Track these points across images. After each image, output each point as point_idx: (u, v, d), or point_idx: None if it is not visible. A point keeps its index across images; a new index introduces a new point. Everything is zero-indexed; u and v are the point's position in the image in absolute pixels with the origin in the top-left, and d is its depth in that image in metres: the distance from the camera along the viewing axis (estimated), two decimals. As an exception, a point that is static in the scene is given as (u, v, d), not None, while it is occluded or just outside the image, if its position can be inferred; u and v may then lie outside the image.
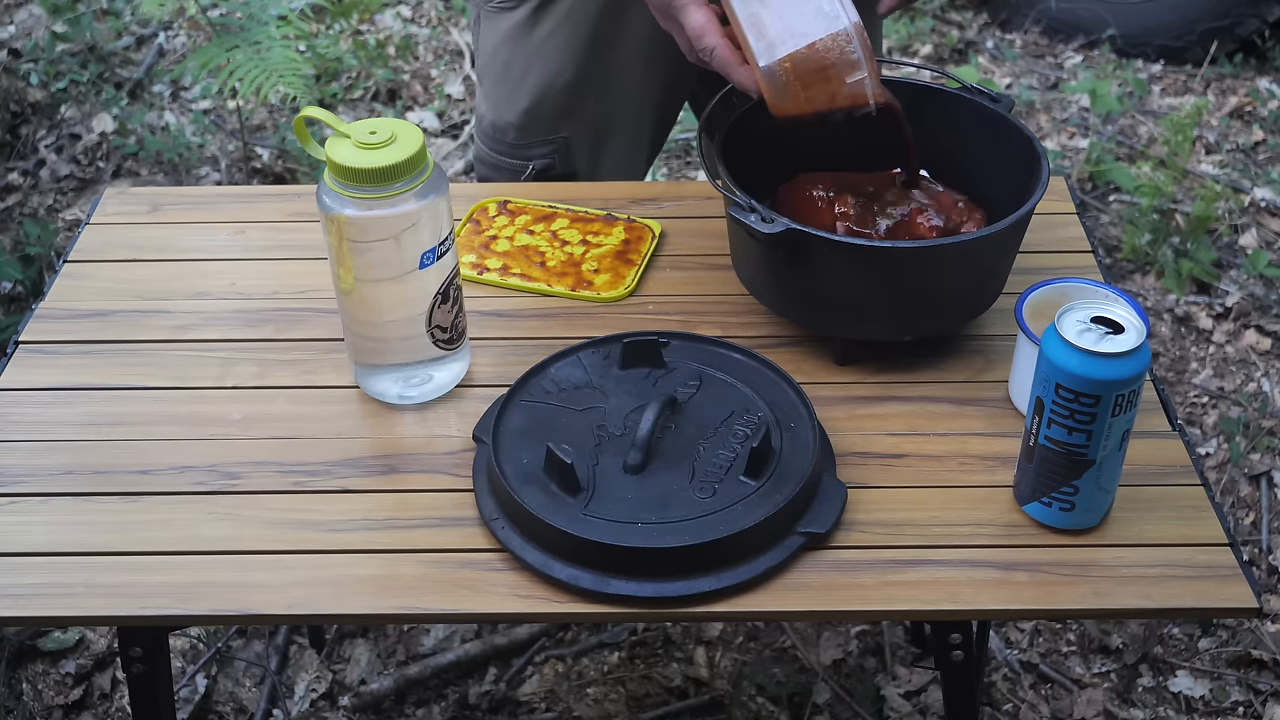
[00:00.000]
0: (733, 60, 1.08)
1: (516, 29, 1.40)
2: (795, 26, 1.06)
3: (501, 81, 1.44)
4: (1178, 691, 1.72)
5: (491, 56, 1.44)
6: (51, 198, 2.68)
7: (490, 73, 1.45)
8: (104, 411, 1.13)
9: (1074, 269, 1.25)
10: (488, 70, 1.46)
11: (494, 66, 1.44)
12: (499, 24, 1.41)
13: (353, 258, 1.05)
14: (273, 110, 2.94)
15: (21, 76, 2.97)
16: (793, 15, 1.06)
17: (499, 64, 1.43)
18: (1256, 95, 2.95)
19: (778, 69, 1.06)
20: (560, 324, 1.21)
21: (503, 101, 1.44)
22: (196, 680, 1.72)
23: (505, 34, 1.41)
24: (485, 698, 1.71)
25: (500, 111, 1.45)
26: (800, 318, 1.17)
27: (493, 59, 1.44)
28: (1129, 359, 0.91)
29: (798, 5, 1.06)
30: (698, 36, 1.09)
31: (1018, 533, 1.00)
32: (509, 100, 1.43)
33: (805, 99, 1.08)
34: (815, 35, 1.06)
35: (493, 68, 1.45)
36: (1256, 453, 2.06)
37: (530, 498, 0.98)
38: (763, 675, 1.72)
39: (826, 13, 1.06)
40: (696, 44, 1.10)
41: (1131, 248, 2.44)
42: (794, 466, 1.01)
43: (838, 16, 1.06)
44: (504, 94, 1.44)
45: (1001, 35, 3.25)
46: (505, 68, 1.43)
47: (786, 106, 1.09)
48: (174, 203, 1.39)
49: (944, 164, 1.23)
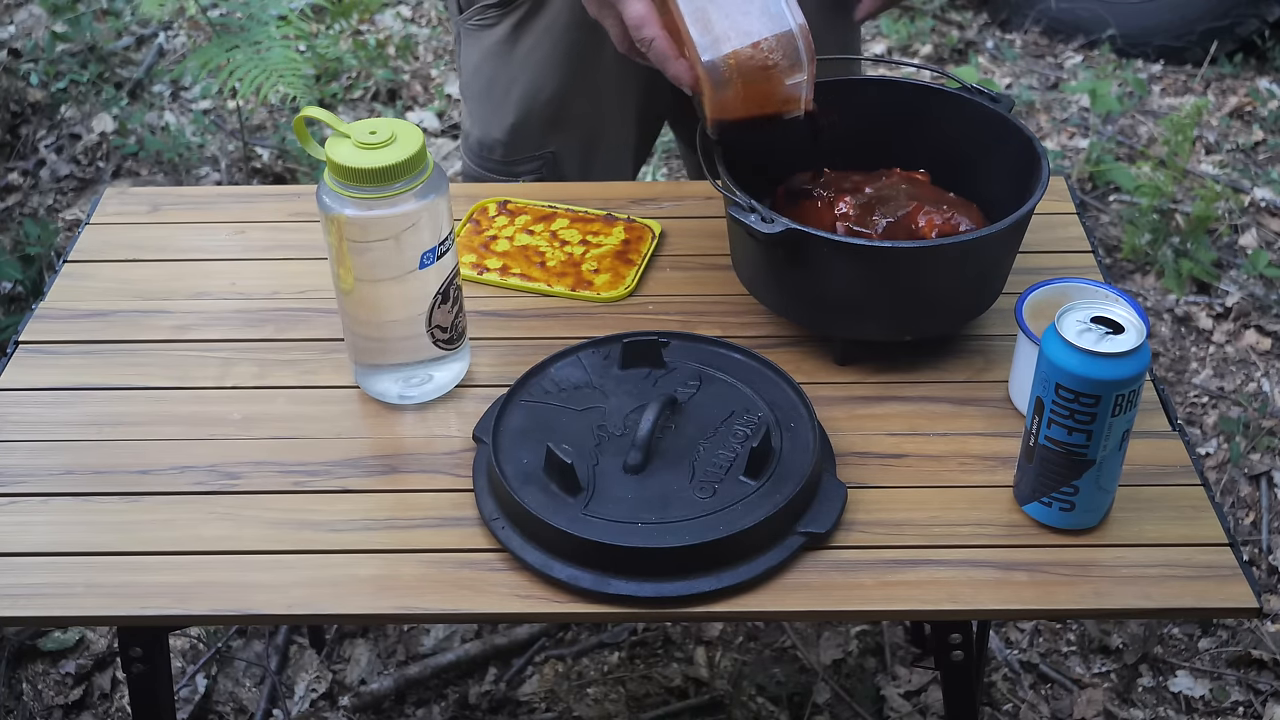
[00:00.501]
0: (670, 53, 1.07)
1: (498, 45, 1.40)
2: (741, 25, 1.05)
3: (486, 98, 1.44)
4: (1178, 691, 1.72)
5: (474, 74, 1.44)
6: (51, 198, 2.68)
7: (474, 90, 1.45)
8: (104, 411, 1.13)
9: (1074, 269, 1.25)
10: (471, 88, 1.46)
11: (477, 84, 1.44)
12: (480, 41, 1.41)
13: (353, 258, 1.05)
14: (273, 110, 2.94)
15: (21, 76, 2.97)
16: (739, 13, 1.06)
17: (482, 81, 1.43)
18: (1256, 95, 2.95)
19: (721, 65, 1.05)
20: (560, 324, 1.21)
21: (489, 118, 1.44)
22: (196, 680, 1.72)
23: (487, 51, 1.41)
24: (485, 698, 1.71)
25: (487, 128, 1.45)
26: (800, 318, 1.17)
27: (475, 76, 1.44)
28: (1129, 359, 0.91)
29: (744, 4, 1.06)
30: (636, 27, 1.08)
31: (1018, 533, 1.00)
32: (495, 117, 1.43)
33: (744, 98, 1.08)
34: (761, 34, 1.06)
35: (476, 85, 1.44)
36: (1256, 453, 2.06)
37: (530, 498, 0.98)
38: (763, 675, 1.72)
39: (773, 13, 1.06)
40: (635, 34, 1.08)
41: (1131, 248, 2.45)
42: (794, 466, 1.01)
43: (783, 17, 1.06)
44: (489, 110, 1.44)
45: (1001, 35, 3.25)
46: (489, 85, 1.43)
47: (725, 105, 1.08)
48: (174, 203, 1.39)
49: (944, 164, 1.23)
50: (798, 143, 1.17)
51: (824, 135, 1.15)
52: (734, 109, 1.09)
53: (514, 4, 1.38)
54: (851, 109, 1.24)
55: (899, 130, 1.24)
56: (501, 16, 1.39)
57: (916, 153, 1.24)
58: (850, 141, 1.23)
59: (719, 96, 1.08)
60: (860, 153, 1.24)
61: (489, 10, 1.39)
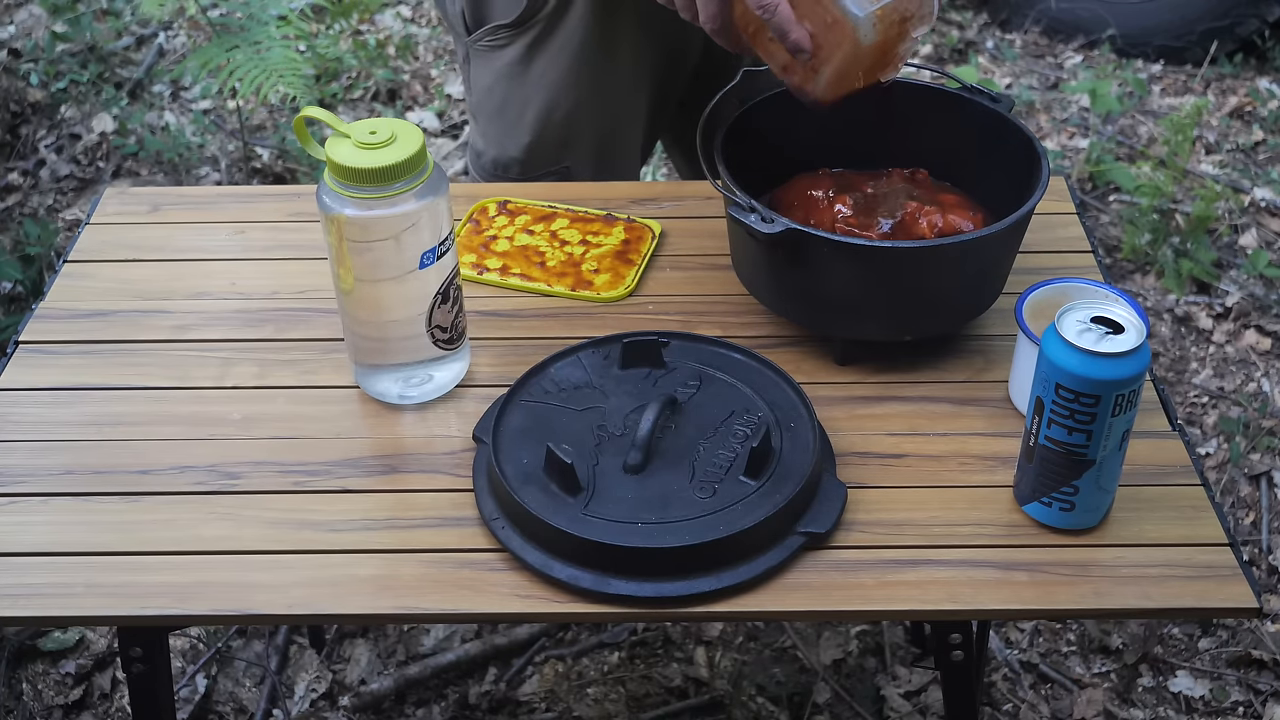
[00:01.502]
0: (792, 19, 1.07)
1: (511, 67, 1.39)
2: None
3: (499, 118, 1.43)
4: (1178, 691, 1.72)
5: (486, 95, 1.43)
6: (51, 198, 2.68)
7: (486, 110, 1.45)
8: (104, 411, 1.13)
9: (1074, 269, 1.25)
10: (483, 108, 1.45)
11: (489, 104, 1.43)
12: (492, 62, 1.41)
13: (353, 258, 1.05)
14: (273, 110, 2.94)
15: (21, 76, 2.97)
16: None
17: (495, 101, 1.43)
18: (1256, 95, 2.95)
19: (871, 19, 1.07)
20: (560, 324, 1.21)
21: (504, 138, 1.43)
22: (196, 680, 1.72)
23: (500, 72, 1.40)
24: (485, 698, 1.71)
25: (503, 148, 1.44)
26: (800, 318, 1.17)
27: (487, 97, 1.43)
28: (1129, 359, 0.91)
29: None
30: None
31: (1018, 533, 1.00)
32: (510, 136, 1.43)
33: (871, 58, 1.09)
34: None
35: (488, 105, 1.44)
36: (1256, 453, 2.06)
37: (530, 498, 0.98)
38: (763, 675, 1.72)
39: None
40: (756, 3, 1.07)
41: (1131, 248, 2.44)
42: (794, 466, 1.01)
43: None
44: (503, 130, 1.43)
45: (1001, 35, 3.25)
46: (502, 104, 1.42)
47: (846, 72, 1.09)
48: (174, 203, 1.39)
49: (944, 164, 1.23)
50: (802, 141, 1.17)
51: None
52: (852, 76, 1.10)
53: (527, 25, 1.37)
54: (852, 109, 1.24)
55: (899, 130, 1.24)
56: (514, 37, 1.38)
57: (916, 153, 1.24)
58: (850, 141, 1.23)
59: (856, 54, 1.08)
60: (860, 153, 1.24)
61: (500, 31, 1.38)
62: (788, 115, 1.21)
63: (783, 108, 1.21)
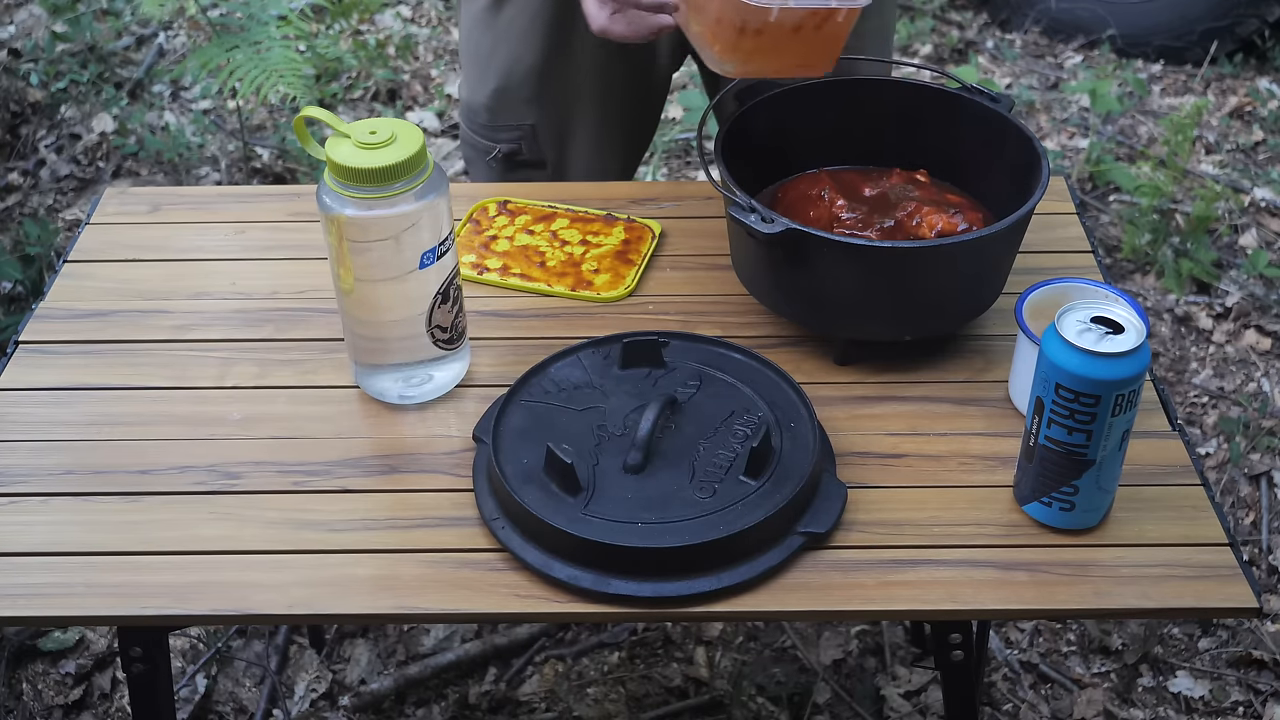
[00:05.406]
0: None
1: (483, 12, 1.44)
2: None
3: (474, 62, 1.48)
4: (1178, 691, 1.72)
5: (466, 37, 1.49)
6: (51, 198, 2.68)
7: (465, 53, 1.51)
8: (104, 411, 1.13)
9: (1074, 269, 1.25)
10: (465, 50, 1.51)
11: (468, 47, 1.49)
12: (471, 6, 1.46)
13: (353, 258, 1.05)
14: (273, 110, 2.94)
15: (21, 76, 2.97)
16: None
17: (471, 45, 1.48)
18: (1256, 95, 2.95)
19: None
20: (560, 324, 1.21)
21: (476, 82, 1.48)
22: (196, 680, 1.72)
23: (475, 16, 1.45)
24: (485, 698, 1.71)
25: (474, 91, 1.49)
26: (800, 318, 1.17)
27: (466, 40, 1.49)
28: (1129, 359, 0.91)
29: None
30: None
31: (1018, 533, 1.00)
32: (480, 81, 1.47)
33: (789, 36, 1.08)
34: None
35: (467, 48, 1.50)
36: (1256, 453, 2.06)
37: (530, 498, 0.98)
38: (763, 675, 1.72)
39: None
40: None
41: (1131, 248, 2.44)
42: (794, 466, 1.01)
43: None
44: (476, 75, 1.48)
45: (1001, 35, 3.25)
46: (476, 49, 1.47)
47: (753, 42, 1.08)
48: (174, 203, 1.39)
49: (944, 164, 1.23)
50: (802, 140, 1.17)
51: None
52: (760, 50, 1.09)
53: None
54: (852, 109, 1.25)
55: (899, 130, 1.24)
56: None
57: (916, 153, 1.24)
58: (850, 141, 1.23)
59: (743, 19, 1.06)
60: (860, 153, 1.24)
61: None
62: (788, 115, 1.21)
63: (783, 108, 1.21)
